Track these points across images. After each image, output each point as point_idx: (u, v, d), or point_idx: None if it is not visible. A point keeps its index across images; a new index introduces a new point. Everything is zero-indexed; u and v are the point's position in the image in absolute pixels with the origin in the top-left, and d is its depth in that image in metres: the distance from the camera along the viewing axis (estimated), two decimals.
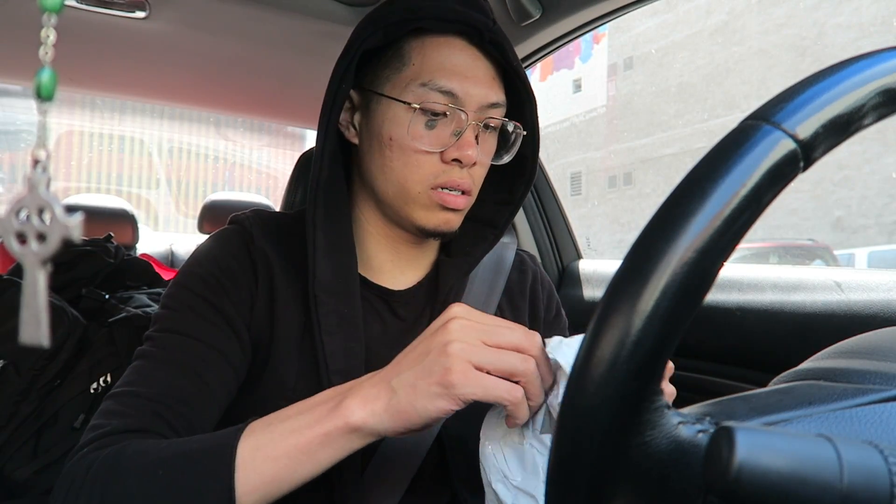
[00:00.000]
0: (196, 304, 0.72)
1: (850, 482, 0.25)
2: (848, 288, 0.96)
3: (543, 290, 0.94)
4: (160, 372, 0.67)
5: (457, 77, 0.73)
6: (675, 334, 0.28)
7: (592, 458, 0.29)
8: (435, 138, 0.73)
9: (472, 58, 0.75)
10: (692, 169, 0.30)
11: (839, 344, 0.43)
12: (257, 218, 0.81)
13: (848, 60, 0.31)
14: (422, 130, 0.73)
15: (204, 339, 0.70)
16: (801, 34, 16.25)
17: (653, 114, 20.39)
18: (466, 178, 0.74)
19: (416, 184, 0.74)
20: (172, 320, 0.71)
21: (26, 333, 0.27)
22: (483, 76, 0.75)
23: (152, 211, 10.28)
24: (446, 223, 0.76)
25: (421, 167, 0.73)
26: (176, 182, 11.19)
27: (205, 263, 0.76)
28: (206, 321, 0.71)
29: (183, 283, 0.75)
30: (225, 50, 1.44)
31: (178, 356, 0.68)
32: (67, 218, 0.26)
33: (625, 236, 19.80)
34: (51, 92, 0.27)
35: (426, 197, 0.74)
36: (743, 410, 0.33)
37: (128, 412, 0.64)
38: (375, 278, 0.82)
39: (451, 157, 0.73)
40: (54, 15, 0.26)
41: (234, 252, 0.77)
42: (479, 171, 0.77)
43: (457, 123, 0.73)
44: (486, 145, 0.77)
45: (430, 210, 0.75)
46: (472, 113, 0.73)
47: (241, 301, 0.74)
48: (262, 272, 0.76)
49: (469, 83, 0.73)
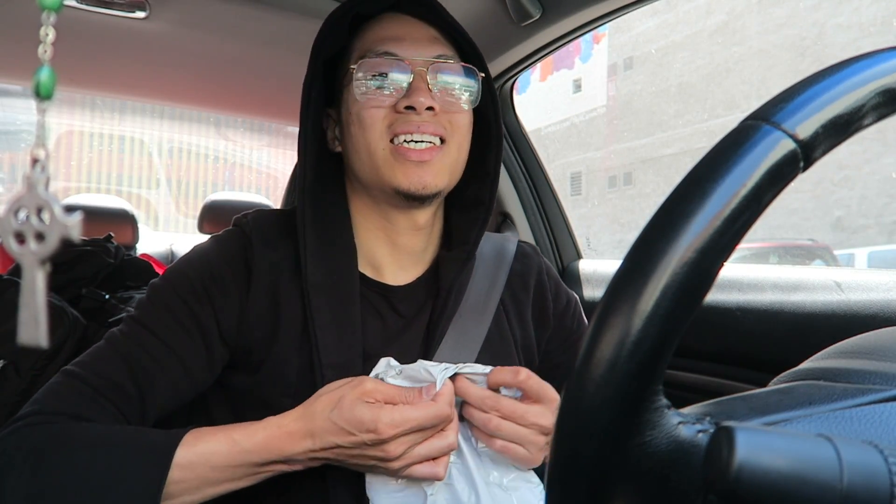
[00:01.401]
0: (174, 306, 0.74)
1: (850, 482, 0.25)
2: (848, 288, 0.96)
3: (550, 280, 0.93)
4: (112, 364, 0.71)
5: (394, 41, 0.78)
6: (675, 334, 0.28)
7: (592, 458, 0.29)
8: (385, 95, 0.77)
9: (408, 25, 0.80)
10: (692, 169, 0.30)
11: (839, 344, 0.43)
12: (257, 220, 0.82)
13: (848, 60, 0.31)
14: (373, 91, 0.77)
15: (169, 341, 0.72)
16: (801, 34, 16.25)
17: (653, 114, 20.39)
18: (428, 123, 0.76)
19: (377, 141, 0.76)
20: (147, 314, 0.74)
21: (25, 333, 0.27)
22: (422, 36, 0.79)
23: (152, 211, 10.27)
24: (419, 180, 0.75)
25: (377, 122, 0.76)
26: (176, 182, 11.18)
27: (197, 266, 0.78)
28: (178, 325, 0.73)
29: (171, 279, 0.77)
30: (225, 50, 1.44)
31: (136, 352, 0.71)
32: (66, 217, 0.26)
33: (625, 236, 19.80)
34: (50, 91, 0.27)
35: (390, 153, 0.76)
36: (743, 410, 0.33)
37: (69, 396, 0.68)
38: (376, 275, 0.83)
39: (403, 106, 0.75)
40: (53, 13, 0.26)
41: (230, 258, 0.78)
42: (448, 119, 0.78)
43: (403, 74, 0.76)
44: (445, 94, 0.78)
45: (397, 168, 0.76)
46: (417, 62, 0.76)
47: (227, 310, 0.76)
48: (260, 277, 0.77)
49: (407, 43, 0.78)
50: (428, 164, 0.75)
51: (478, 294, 0.85)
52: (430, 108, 0.75)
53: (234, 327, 0.76)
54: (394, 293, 0.83)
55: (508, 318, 0.87)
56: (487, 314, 0.84)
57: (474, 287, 0.85)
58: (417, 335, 0.81)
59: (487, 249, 0.89)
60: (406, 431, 0.65)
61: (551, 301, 0.91)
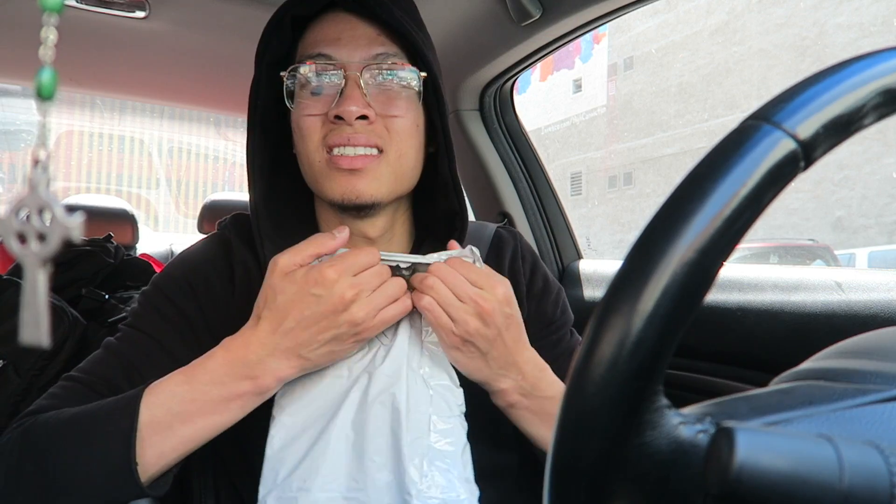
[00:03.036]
0: (160, 304, 0.77)
1: (850, 482, 0.25)
2: (848, 288, 0.96)
3: (525, 264, 0.90)
4: (105, 363, 0.74)
5: (329, 43, 0.74)
6: (676, 334, 0.28)
7: (592, 458, 0.29)
8: (319, 102, 0.74)
9: (346, 24, 0.75)
10: (692, 169, 0.30)
11: (839, 344, 0.43)
12: (236, 223, 0.84)
13: (848, 60, 0.31)
14: (307, 99, 0.74)
15: (157, 336, 0.75)
16: (801, 34, 16.25)
17: (653, 114, 20.39)
18: (360, 134, 0.72)
19: (313, 153, 0.74)
20: (138, 317, 0.77)
21: (26, 333, 0.27)
22: (360, 36, 0.74)
23: (152, 211, 10.27)
24: (352, 189, 0.73)
25: (312, 133, 0.74)
26: (176, 182, 11.18)
27: (181, 266, 0.80)
28: (166, 321, 0.76)
29: (158, 282, 0.80)
30: (225, 50, 1.44)
31: (127, 350, 0.74)
32: (67, 218, 0.26)
33: (625, 236, 19.79)
34: (51, 92, 0.27)
35: (325, 164, 0.74)
36: (743, 410, 0.33)
37: (62, 394, 0.71)
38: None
39: (333, 115, 0.72)
40: (55, 15, 0.26)
41: (212, 257, 0.81)
42: (386, 125, 0.74)
43: (337, 78, 0.73)
44: (385, 97, 0.74)
45: (331, 178, 0.74)
46: (351, 65, 0.73)
47: (214, 304, 0.77)
48: (241, 276, 0.79)
49: (342, 43, 0.74)
50: (361, 173, 0.73)
51: None
52: (363, 117, 0.71)
53: (222, 321, 0.76)
54: None
55: None
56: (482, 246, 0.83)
57: None
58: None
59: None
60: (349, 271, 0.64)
61: (525, 284, 0.88)
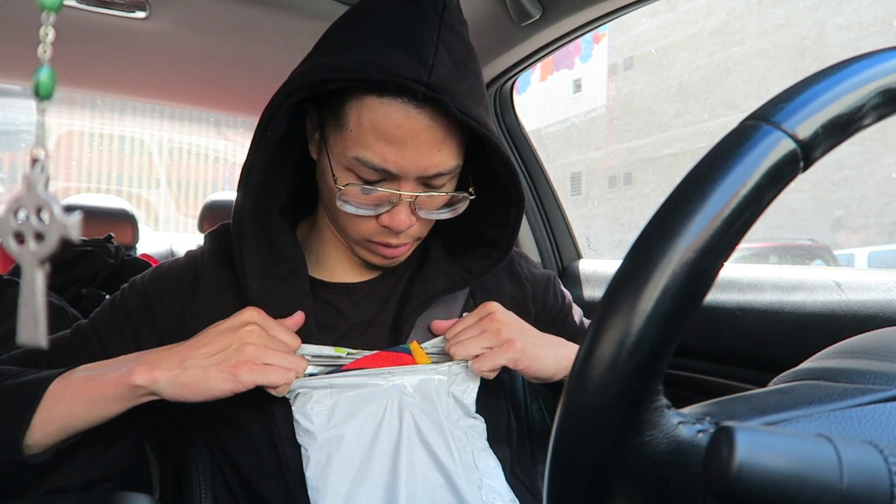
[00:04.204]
0: (117, 308, 0.81)
1: (850, 482, 0.25)
2: (848, 288, 0.96)
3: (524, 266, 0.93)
4: (52, 345, 0.79)
5: (392, 150, 0.67)
6: (675, 334, 0.28)
7: (592, 458, 0.29)
8: (370, 201, 0.72)
9: (412, 122, 0.66)
10: (692, 169, 0.30)
11: (839, 344, 0.43)
12: (216, 235, 0.85)
13: (848, 60, 0.31)
14: (357, 194, 0.71)
15: (104, 339, 0.79)
16: (801, 34, 16.25)
17: (653, 114, 20.39)
18: (404, 240, 0.76)
19: (354, 233, 0.76)
20: (98, 313, 0.82)
21: (25, 333, 0.27)
22: (425, 143, 0.67)
23: (152, 211, 10.27)
24: (388, 264, 0.81)
25: (357, 224, 0.75)
26: (176, 182, 11.18)
27: (148, 275, 0.83)
28: (117, 325, 0.79)
29: (125, 286, 0.83)
30: (225, 50, 1.44)
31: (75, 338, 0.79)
32: (66, 217, 0.26)
33: (625, 236, 19.79)
34: (49, 91, 0.27)
35: (364, 245, 0.77)
36: (743, 410, 0.33)
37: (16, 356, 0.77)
38: (330, 277, 0.83)
39: (383, 224, 0.73)
40: (53, 13, 0.26)
41: (179, 269, 0.83)
42: (422, 225, 0.76)
43: (392, 194, 0.70)
44: (431, 201, 0.74)
45: (369, 254, 0.78)
46: (408, 184, 0.70)
47: (167, 317, 0.79)
48: (206, 290, 0.80)
49: (406, 156, 0.67)
50: (400, 255, 0.79)
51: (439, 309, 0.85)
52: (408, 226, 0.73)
53: (175, 332, 0.77)
54: (355, 290, 0.83)
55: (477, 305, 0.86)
56: (453, 313, 0.83)
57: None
58: (382, 331, 0.81)
59: None
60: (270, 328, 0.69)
61: (529, 287, 0.91)
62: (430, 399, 0.73)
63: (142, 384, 0.65)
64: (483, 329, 0.76)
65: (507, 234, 0.82)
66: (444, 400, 0.74)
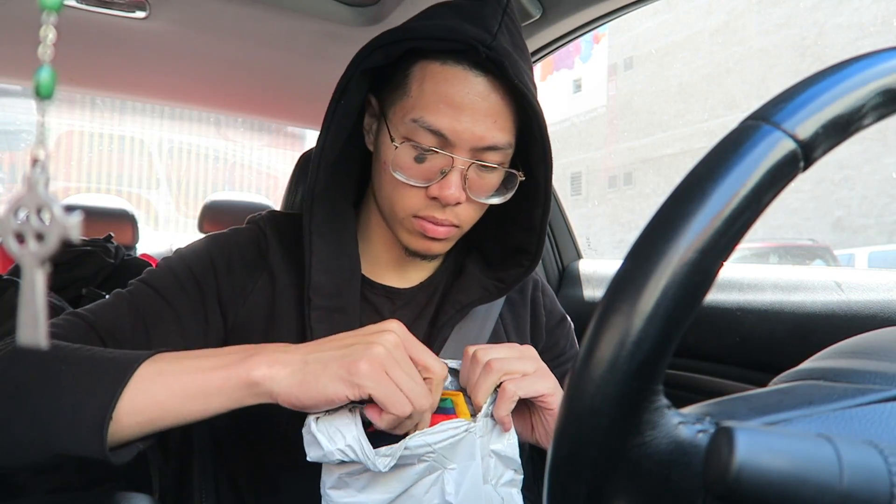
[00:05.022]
0: (179, 271, 0.76)
1: (849, 482, 0.25)
2: (848, 288, 0.96)
3: (545, 297, 0.95)
4: (112, 308, 0.72)
5: (450, 114, 0.69)
6: (675, 334, 0.28)
7: (592, 458, 0.29)
8: (422, 172, 0.73)
9: (470, 87, 0.70)
10: (692, 169, 0.30)
11: (839, 344, 0.43)
12: (272, 219, 0.84)
13: (848, 60, 0.31)
14: (410, 163, 0.72)
15: (170, 300, 0.74)
16: (801, 34, 16.24)
17: (653, 114, 20.38)
18: (449, 216, 0.74)
19: (401, 210, 0.75)
20: (153, 276, 0.76)
21: (24, 333, 0.27)
22: (482, 111, 0.70)
23: (152, 211, 10.29)
24: (428, 249, 0.77)
25: (406, 197, 0.74)
26: (176, 182, 11.18)
27: (209, 243, 0.80)
28: (180, 287, 0.75)
29: (181, 252, 0.79)
30: (225, 50, 1.44)
31: (138, 303, 0.72)
32: (66, 217, 0.26)
33: (625, 236, 19.79)
34: (50, 91, 0.27)
35: (409, 223, 0.76)
36: (743, 410, 0.33)
37: (64, 325, 0.68)
38: (379, 277, 0.84)
39: (433, 195, 0.73)
40: (54, 13, 0.26)
41: (242, 244, 0.80)
42: (468, 209, 0.75)
43: (444, 162, 0.72)
44: (481, 182, 0.75)
45: (413, 235, 0.77)
46: (461, 154, 0.71)
47: (231, 286, 0.77)
48: (267, 270, 0.79)
49: (462, 121, 0.69)
50: (440, 241, 0.77)
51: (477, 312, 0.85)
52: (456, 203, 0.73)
53: (234, 304, 0.76)
54: (398, 295, 0.84)
55: (507, 332, 0.88)
56: (487, 327, 0.85)
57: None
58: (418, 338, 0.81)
59: None
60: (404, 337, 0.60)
61: (544, 316, 0.92)
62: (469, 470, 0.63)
63: (259, 380, 0.56)
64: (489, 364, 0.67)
65: (535, 239, 0.82)
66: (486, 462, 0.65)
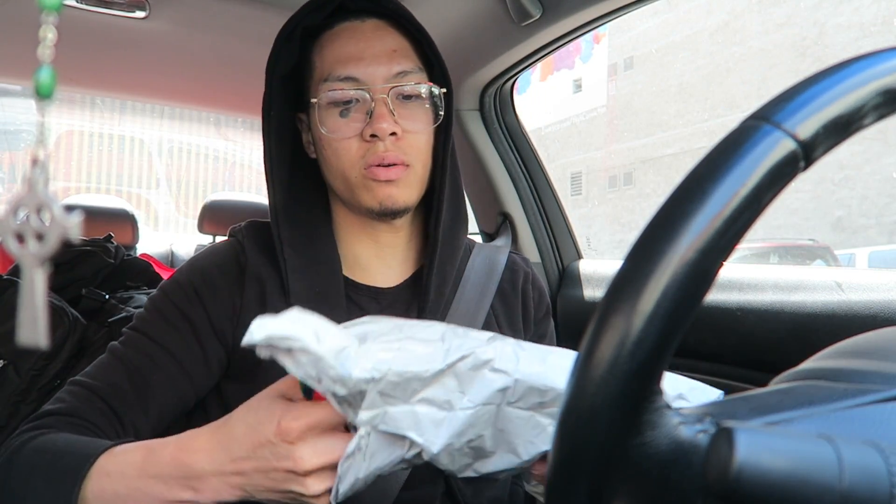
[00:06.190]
0: (166, 309, 0.78)
1: (850, 482, 0.25)
2: (848, 288, 0.96)
3: (534, 289, 0.96)
4: (109, 369, 0.74)
5: (352, 61, 0.77)
6: (676, 334, 0.28)
7: (592, 458, 0.28)
8: (350, 124, 0.78)
9: (363, 37, 0.79)
10: (692, 169, 0.30)
11: (839, 344, 0.43)
12: (251, 229, 0.86)
13: (848, 60, 0.31)
14: (338, 121, 0.78)
15: (161, 341, 0.75)
16: (801, 34, 16.24)
17: (653, 114, 20.38)
18: (392, 151, 0.77)
19: (350, 169, 0.78)
20: (143, 321, 0.78)
21: (24, 333, 0.27)
22: (380, 50, 0.78)
23: (152, 211, 10.29)
24: (388, 198, 0.78)
25: (348, 152, 0.78)
26: (176, 182, 11.19)
27: (188, 272, 0.81)
28: (170, 326, 0.76)
29: (165, 288, 0.81)
30: (225, 50, 1.44)
31: (132, 356, 0.75)
32: (66, 217, 0.26)
33: (625, 236, 19.79)
34: (50, 91, 0.27)
35: (363, 180, 0.78)
36: (743, 410, 0.33)
37: (68, 399, 0.71)
38: (363, 278, 0.85)
39: (368, 135, 0.76)
40: (53, 14, 0.26)
41: (221, 262, 0.81)
42: (411, 142, 0.79)
43: (365, 103, 0.77)
44: (409, 112, 0.79)
45: (369, 190, 0.78)
46: (377, 89, 0.77)
47: (219, 310, 0.78)
48: (252, 282, 0.80)
49: (365, 63, 0.77)
50: (395, 183, 0.78)
51: (468, 301, 0.87)
52: (392, 134, 0.76)
53: (228, 325, 0.77)
54: (383, 295, 0.84)
55: (499, 324, 0.89)
56: (477, 321, 0.85)
57: (464, 294, 0.87)
58: None
59: (479, 261, 0.92)
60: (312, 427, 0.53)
61: (533, 309, 0.94)
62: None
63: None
64: None
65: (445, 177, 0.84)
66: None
